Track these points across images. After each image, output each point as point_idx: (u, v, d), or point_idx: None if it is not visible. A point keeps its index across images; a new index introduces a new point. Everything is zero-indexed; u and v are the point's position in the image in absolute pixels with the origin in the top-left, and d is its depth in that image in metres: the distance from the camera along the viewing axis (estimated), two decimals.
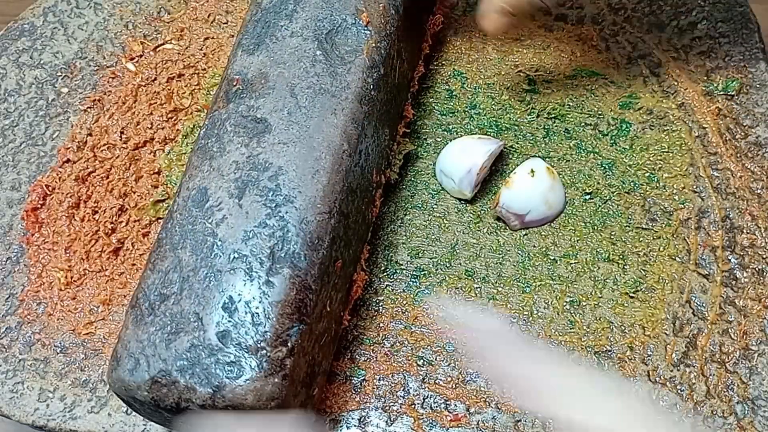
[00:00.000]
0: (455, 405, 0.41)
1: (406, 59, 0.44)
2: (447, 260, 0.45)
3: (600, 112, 0.48)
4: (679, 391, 0.40)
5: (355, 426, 0.40)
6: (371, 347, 0.42)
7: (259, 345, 0.32)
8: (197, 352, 0.32)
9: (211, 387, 0.31)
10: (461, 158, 0.45)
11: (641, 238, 0.44)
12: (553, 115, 0.48)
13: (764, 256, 0.43)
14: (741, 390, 0.40)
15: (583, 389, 0.30)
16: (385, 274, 0.44)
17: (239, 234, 0.34)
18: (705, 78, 0.48)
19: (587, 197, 0.46)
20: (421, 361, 0.42)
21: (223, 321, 0.32)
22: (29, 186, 0.47)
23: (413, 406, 0.41)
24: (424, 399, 0.41)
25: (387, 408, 0.41)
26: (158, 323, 0.33)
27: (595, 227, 0.45)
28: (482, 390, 0.41)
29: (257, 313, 0.32)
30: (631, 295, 0.43)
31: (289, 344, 0.33)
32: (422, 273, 0.44)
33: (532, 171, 0.44)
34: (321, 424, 0.40)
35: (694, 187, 0.45)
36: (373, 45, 0.40)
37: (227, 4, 0.54)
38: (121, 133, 0.49)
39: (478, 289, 0.44)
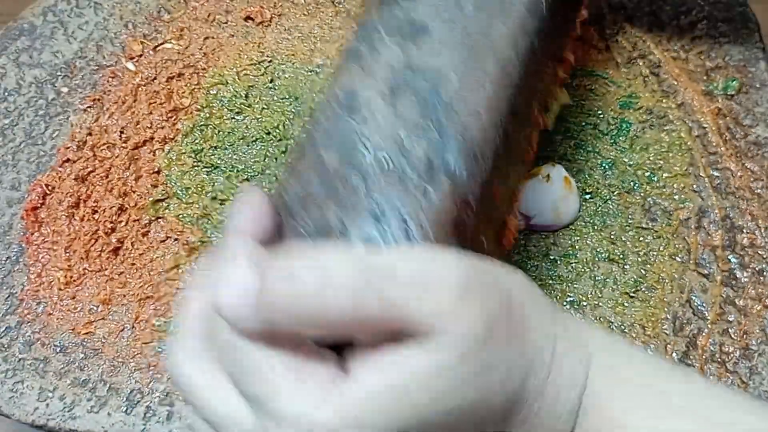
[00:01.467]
0: None
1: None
2: None
3: (600, 112, 0.48)
4: None
5: None
6: None
7: None
8: None
9: None
10: None
11: (641, 238, 0.44)
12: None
13: (764, 256, 0.43)
14: (741, 390, 0.40)
15: None
16: None
17: (391, 136, 0.29)
18: (705, 78, 0.48)
19: (587, 197, 0.46)
20: None
21: (371, 230, 0.28)
22: (29, 185, 0.47)
23: None
24: None
25: None
26: (298, 231, 0.28)
27: (595, 227, 0.45)
28: None
29: (411, 224, 0.28)
30: (631, 294, 0.43)
31: None
32: None
33: (548, 176, 0.44)
34: None
35: (694, 186, 0.45)
36: None
37: (227, 4, 0.54)
38: (121, 132, 0.49)
39: None
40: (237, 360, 0.23)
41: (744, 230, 0.44)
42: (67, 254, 0.45)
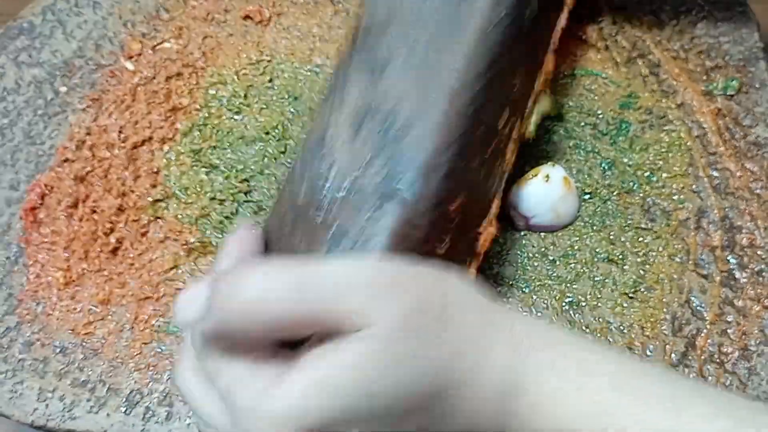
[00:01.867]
0: None
1: (540, 5, 0.41)
2: None
3: (599, 112, 0.48)
4: None
5: None
6: None
7: None
8: None
9: None
10: None
11: (640, 238, 0.44)
12: (552, 115, 0.48)
13: (763, 257, 0.43)
14: (740, 391, 0.40)
15: None
16: None
17: (350, 170, 0.34)
18: (705, 77, 0.48)
19: (586, 197, 0.46)
20: None
21: (330, 252, 0.33)
22: (28, 185, 0.47)
23: None
24: None
25: None
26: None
27: (594, 227, 0.45)
28: None
29: (362, 244, 0.33)
30: (630, 295, 0.43)
31: None
32: None
33: (547, 177, 0.44)
34: None
35: (694, 187, 0.45)
36: None
37: (226, 3, 0.54)
38: (120, 132, 0.49)
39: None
40: (208, 363, 0.27)
41: (743, 231, 0.44)
42: (66, 254, 0.45)
